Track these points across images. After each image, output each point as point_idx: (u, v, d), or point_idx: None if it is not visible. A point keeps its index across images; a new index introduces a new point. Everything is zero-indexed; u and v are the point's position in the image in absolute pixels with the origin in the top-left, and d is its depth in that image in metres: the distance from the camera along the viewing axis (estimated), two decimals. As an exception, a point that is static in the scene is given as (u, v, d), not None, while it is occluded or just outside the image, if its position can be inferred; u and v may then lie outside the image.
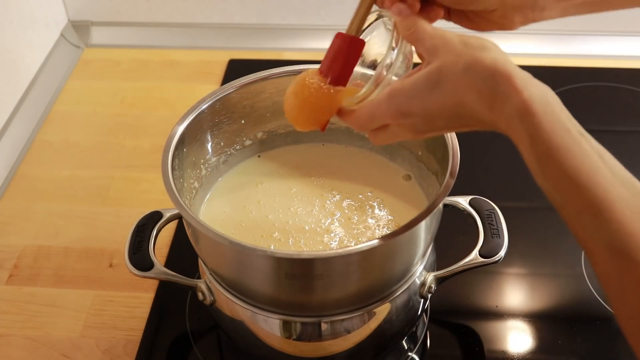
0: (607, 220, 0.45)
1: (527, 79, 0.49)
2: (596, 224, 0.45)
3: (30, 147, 1.08)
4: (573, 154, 0.46)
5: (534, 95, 0.48)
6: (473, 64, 0.50)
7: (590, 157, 0.46)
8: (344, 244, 0.72)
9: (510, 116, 0.48)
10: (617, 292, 0.45)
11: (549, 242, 0.91)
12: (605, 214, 0.45)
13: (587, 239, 0.46)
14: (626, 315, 0.45)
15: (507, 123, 0.49)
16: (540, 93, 0.48)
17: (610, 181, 0.46)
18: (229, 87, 0.76)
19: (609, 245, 0.45)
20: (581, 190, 0.46)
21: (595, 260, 0.46)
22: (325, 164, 0.81)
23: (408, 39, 0.56)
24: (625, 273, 0.44)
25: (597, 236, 0.45)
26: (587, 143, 0.47)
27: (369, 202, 0.77)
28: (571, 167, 0.46)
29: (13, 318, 0.85)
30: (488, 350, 0.80)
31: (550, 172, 0.47)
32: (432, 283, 0.72)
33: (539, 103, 0.48)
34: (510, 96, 0.48)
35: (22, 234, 0.95)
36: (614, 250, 0.44)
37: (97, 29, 1.28)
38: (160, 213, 0.75)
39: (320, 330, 0.68)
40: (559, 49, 1.22)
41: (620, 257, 0.44)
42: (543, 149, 0.47)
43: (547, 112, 0.47)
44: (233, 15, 1.26)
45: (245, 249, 0.61)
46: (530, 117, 0.47)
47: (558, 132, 0.47)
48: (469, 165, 0.71)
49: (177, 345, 0.82)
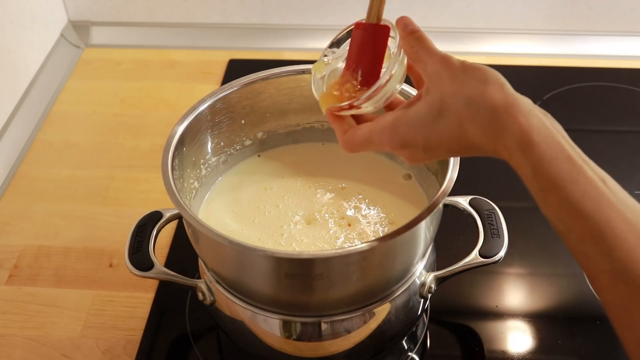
0: (611, 248, 0.44)
1: (528, 108, 0.49)
2: (600, 251, 0.45)
3: (30, 147, 1.08)
4: (576, 183, 0.46)
5: (534, 126, 0.48)
6: (474, 97, 0.50)
7: (594, 184, 0.46)
8: (344, 244, 0.72)
9: (512, 147, 0.48)
10: (623, 318, 0.45)
11: (549, 242, 0.91)
12: (608, 241, 0.44)
13: (591, 267, 0.46)
14: (633, 342, 0.45)
15: (509, 154, 0.49)
16: (540, 122, 0.48)
17: (614, 208, 0.45)
18: (229, 87, 0.76)
19: (613, 272, 0.44)
20: (584, 219, 0.45)
21: (600, 287, 0.46)
22: (325, 164, 0.81)
23: (410, 56, 0.56)
24: (630, 300, 0.44)
25: (600, 263, 0.45)
26: (589, 169, 0.47)
27: (369, 201, 0.77)
28: (574, 197, 0.46)
29: (13, 318, 0.85)
30: (488, 350, 0.80)
31: (553, 202, 0.47)
32: (432, 283, 0.72)
33: (538, 133, 0.47)
34: (511, 128, 0.48)
35: (22, 234, 0.95)
36: (619, 277, 0.44)
37: (97, 29, 1.28)
38: (160, 213, 0.75)
39: (320, 330, 0.68)
40: (559, 49, 1.22)
41: (625, 283, 0.44)
42: (545, 180, 0.47)
43: (547, 142, 0.47)
44: (233, 15, 1.26)
45: (245, 249, 0.61)
46: (531, 148, 0.47)
47: (560, 161, 0.47)
48: (469, 165, 0.71)
49: (177, 345, 0.82)
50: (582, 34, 1.22)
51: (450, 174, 0.65)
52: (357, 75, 0.59)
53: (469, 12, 1.22)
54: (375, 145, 0.56)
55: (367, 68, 0.59)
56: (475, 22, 1.24)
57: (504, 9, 1.22)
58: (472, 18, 1.23)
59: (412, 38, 0.55)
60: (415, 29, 0.55)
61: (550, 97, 1.10)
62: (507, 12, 1.22)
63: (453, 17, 1.23)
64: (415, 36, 0.55)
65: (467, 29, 1.24)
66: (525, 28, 1.23)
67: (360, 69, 0.59)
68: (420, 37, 0.55)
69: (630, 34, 1.22)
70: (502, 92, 0.50)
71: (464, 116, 0.50)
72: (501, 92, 0.50)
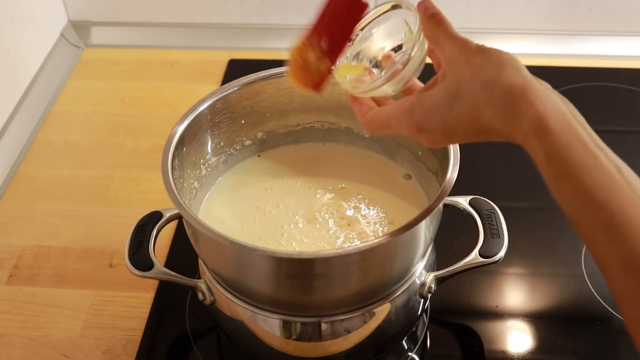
0: (623, 236, 0.44)
1: (544, 93, 0.49)
2: (611, 239, 0.44)
3: (30, 147, 1.08)
4: (590, 170, 0.46)
5: (550, 111, 0.47)
6: (491, 81, 0.50)
7: (608, 172, 0.46)
8: (344, 244, 0.72)
9: (527, 132, 0.48)
10: (633, 309, 0.45)
11: (549, 242, 0.91)
12: (620, 229, 0.44)
13: (602, 255, 0.46)
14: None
15: (524, 138, 0.49)
16: (556, 107, 0.48)
17: (628, 196, 0.45)
18: (229, 87, 0.75)
19: (624, 261, 0.44)
20: (597, 207, 0.45)
21: (610, 276, 0.45)
22: (325, 164, 0.81)
23: (429, 39, 0.56)
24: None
25: (612, 252, 0.45)
26: (604, 157, 0.46)
27: (369, 201, 0.77)
28: (588, 184, 0.45)
29: (13, 318, 0.85)
30: (488, 350, 0.80)
31: (566, 189, 0.47)
32: (432, 283, 0.72)
33: (554, 119, 0.47)
34: (526, 112, 0.48)
35: (22, 234, 0.95)
36: (630, 267, 0.44)
37: (97, 29, 1.28)
38: (160, 213, 0.75)
39: (320, 330, 0.68)
40: (559, 49, 1.22)
41: (635, 273, 0.44)
42: (559, 166, 0.47)
43: (563, 127, 0.47)
44: (233, 15, 1.26)
45: (245, 249, 0.61)
46: (546, 134, 0.47)
47: (574, 147, 0.46)
48: (469, 165, 0.71)
49: (177, 345, 0.82)
50: (582, 34, 1.22)
51: (450, 174, 0.65)
52: (322, 43, 0.58)
53: (469, 12, 1.22)
54: (394, 129, 0.56)
55: (332, 42, 0.58)
56: (475, 22, 1.23)
57: (504, 9, 1.22)
58: (472, 18, 1.23)
59: (432, 22, 0.55)
60: (436, 12, 0.55)
61: (550, 97, 1.10)
62: (507, 12, 1.22)
63: (453, 17, 1.21)
64: (436, 20, 0.55)
65: (467, 29, 1.24)
66: (525, 28, 1.23)
67: (324, 38, 0.58)
68: (440, 20, 0.55)
69: (630, 34, 1.22)
70: (519, 75, 0.49)
71: (480, 100, 0.50)
72: (518, 76, 0.49)
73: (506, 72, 0.50)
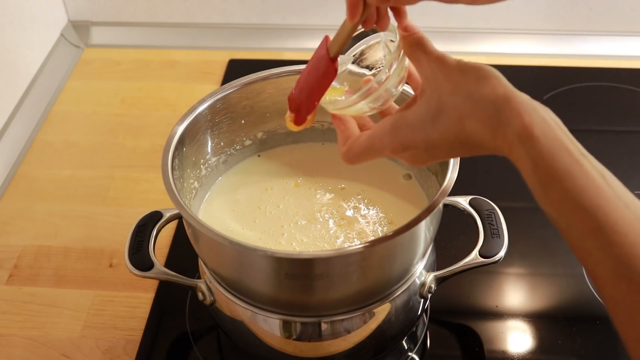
0: (611, 244, 0.44)
1: (527, 102, 0.49)
2: (600, 247, 0.45)
3: (30, 147, 1.08)
4: (575, 177, 0.46)
5: (535, 119, 0.47)
6: (473, 93, 0.50)
7: (593, 180, 0.46)
8: (344, 244, 0.72)
9: (512, 141, 0.48)
10: (623, 315, 0.45)
11: (549, 242, 0.91)
12: (608, 237, 0.44)
13: (591, 263, 0.46)
14: (633, 339, 0.45)
15: (509, 148, 0.49)
16: (540, 116, 0.48)
17: (614, 203, 0.45)
18: (229, 87, 0.76)
19: (613, 268, 0.44)
20: (584, 214, 0.45)
21: (601, 283, 0.46)
22: (325, 164, 0.81)
23: (408, 56, 0.56)
24: (630, 296, 0.44)
25: (601, 259, 0.45)
26: (589, 164, 0.47)
27: (368, 201, 0.77)
28: (574, 191, 0.46)
29: (13, 318, 0.85)
30: (488, 350, 0.80)
31: (553, 196, 0.47)
32: (432, 283, 0.72)
33: (539, 127, 0.47)
34: (511, 121, 0.48)
35: (22, 234, 0.95)
36: (619, 274, 0.44)
37: (97, 29, 1.28)
38: (160, 213, 0.75)
39: (320, 330, 0.68)
40: (559, 49, 1.22)
41: (625, 280, 0.44)
42: (545, 174, 0.47)
43: (548, 135, 0.47)
44: (233, 15, 1.26)
45: (245, 249, 0.61)
46: (532, 142, 0.47)
47: (560, 155, 0.47)
48: (469, 165, 0.71)
49: (177, 345, 0.82)
50: (582, 34, 1.22)
51: (450, 174, 0.65)
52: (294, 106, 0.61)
53: (469, 12, 1.22)
54: (376, 151, 0.56)
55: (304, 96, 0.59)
56: (475, 22, 1.24)
57: (504, 9, 1.22)
58: (472, 18, 1.23)
59: (411, 39, 0.55)
60: (415, 31, 0.55)
61: (550, 97, 1.10)
62: (507, 12, 1.22)
63: (453, 17, 1.23)
64: (414, 37, 0.55)
65: (467, 29, 1.24)
66: (525, 28, 1.24)
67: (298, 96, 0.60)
68: (418, 38, 0.55)
69: (630, 34, 1.22)
70: (501, 85, 0.49)
71: (463, 112, 0.50)
72: (500, 86, 0.49)
73: (488, 83, 0.50)
